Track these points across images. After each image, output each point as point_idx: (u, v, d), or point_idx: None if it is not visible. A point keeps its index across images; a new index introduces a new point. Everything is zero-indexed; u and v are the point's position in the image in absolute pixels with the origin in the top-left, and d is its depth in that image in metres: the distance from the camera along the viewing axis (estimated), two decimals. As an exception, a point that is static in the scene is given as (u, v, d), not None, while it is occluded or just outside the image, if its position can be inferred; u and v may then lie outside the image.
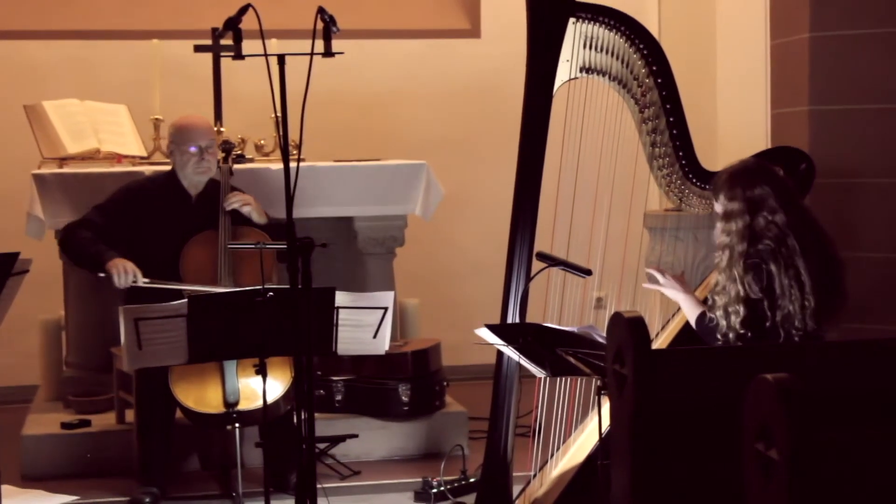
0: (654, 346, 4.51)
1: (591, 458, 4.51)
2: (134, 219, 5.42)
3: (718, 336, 4.18)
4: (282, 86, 4.06)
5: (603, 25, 4.69)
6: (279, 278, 5.39)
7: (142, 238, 5.38)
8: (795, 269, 4.11)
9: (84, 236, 5.36)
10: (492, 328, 4.26)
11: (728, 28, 7.52)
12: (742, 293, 4.11)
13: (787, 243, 4.13)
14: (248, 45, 4.18)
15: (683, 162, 4.74)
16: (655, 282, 4.52)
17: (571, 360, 4.10)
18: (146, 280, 5.22)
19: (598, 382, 4.05)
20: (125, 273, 5.20)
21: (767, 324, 4.12)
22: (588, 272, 4.60)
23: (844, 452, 2.76)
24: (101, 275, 5.24)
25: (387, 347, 4.93)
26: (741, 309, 4.11)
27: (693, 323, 4.38)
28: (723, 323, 4.16)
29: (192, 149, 5.42)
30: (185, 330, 4.65)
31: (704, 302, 4.44)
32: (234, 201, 5.43)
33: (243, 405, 5.09)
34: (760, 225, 4.15)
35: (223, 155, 5.58)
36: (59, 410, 6.01)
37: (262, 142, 6.43)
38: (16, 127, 6.55)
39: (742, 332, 4.12)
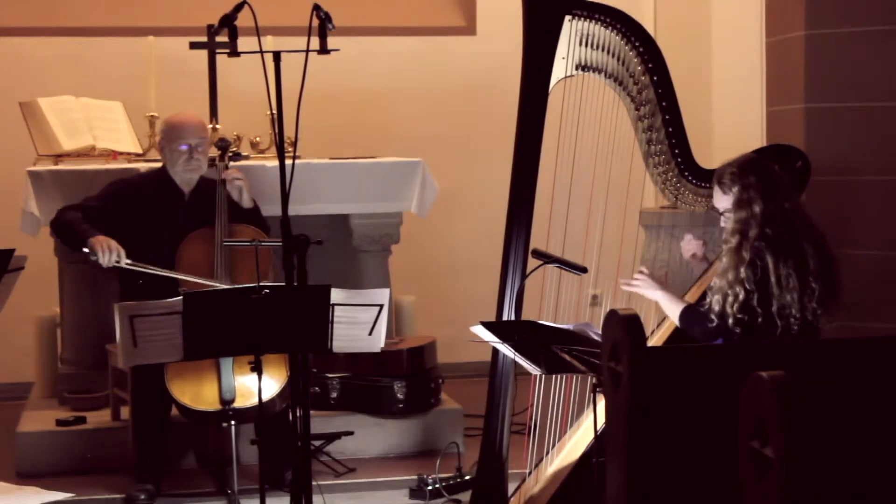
0: (650, 343, 4.52)
1: (586, 456, 4.51)
2: (127, 215, 5.40)
3: (713, 317, 4.20)
4: (277, 83, 4.06)
5: (599, 23, 4.70)
6: (276, 276, 5.38)
7: (136, 235, 5.37)
8: (794, 258, 4.15)
9: (74, 217, 5.33)
10: (487, 325, 4.26)
11: (723, 25, 7.52)
12: (743, 277, 4.16)
13: (784, 236, 4.17)
14: (244, 42, 4.18)
15: (679, 159, 4.74)
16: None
17: (567, 357, 4.10)
18: (129, 261, 5.19)
19: (594, 380, 4.05)
20: (109, 251, 5.16)
21: (759, 319, 4.16)
22: (583, 269, 4.60)
23: (839, 450, 2.76)
24: (86, 250, 5.18)
25: (382, 345, 4.92)
26: (741, 293, 4.15)
27: (677, 318, 4.39)
28: (716, 309, 4.20)
29: (182, 147, 5.39)
30: (181, 327, 4.65)
31: (702, 298, 4.45)
32: (230, 176, 5.41)
33: (239, 402, 5.09)
34: (767, 214, 4.20)
35: (219, 153, 5.57)
36: (54, 407, 6.00)
37: (258, 139, 6.42)
38: (11, 123, 6.53)
39: (740, 316, 4.16)
